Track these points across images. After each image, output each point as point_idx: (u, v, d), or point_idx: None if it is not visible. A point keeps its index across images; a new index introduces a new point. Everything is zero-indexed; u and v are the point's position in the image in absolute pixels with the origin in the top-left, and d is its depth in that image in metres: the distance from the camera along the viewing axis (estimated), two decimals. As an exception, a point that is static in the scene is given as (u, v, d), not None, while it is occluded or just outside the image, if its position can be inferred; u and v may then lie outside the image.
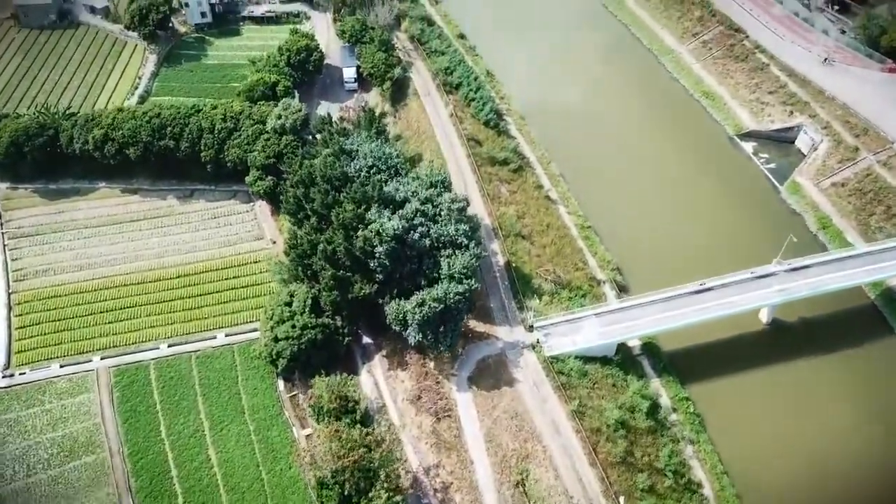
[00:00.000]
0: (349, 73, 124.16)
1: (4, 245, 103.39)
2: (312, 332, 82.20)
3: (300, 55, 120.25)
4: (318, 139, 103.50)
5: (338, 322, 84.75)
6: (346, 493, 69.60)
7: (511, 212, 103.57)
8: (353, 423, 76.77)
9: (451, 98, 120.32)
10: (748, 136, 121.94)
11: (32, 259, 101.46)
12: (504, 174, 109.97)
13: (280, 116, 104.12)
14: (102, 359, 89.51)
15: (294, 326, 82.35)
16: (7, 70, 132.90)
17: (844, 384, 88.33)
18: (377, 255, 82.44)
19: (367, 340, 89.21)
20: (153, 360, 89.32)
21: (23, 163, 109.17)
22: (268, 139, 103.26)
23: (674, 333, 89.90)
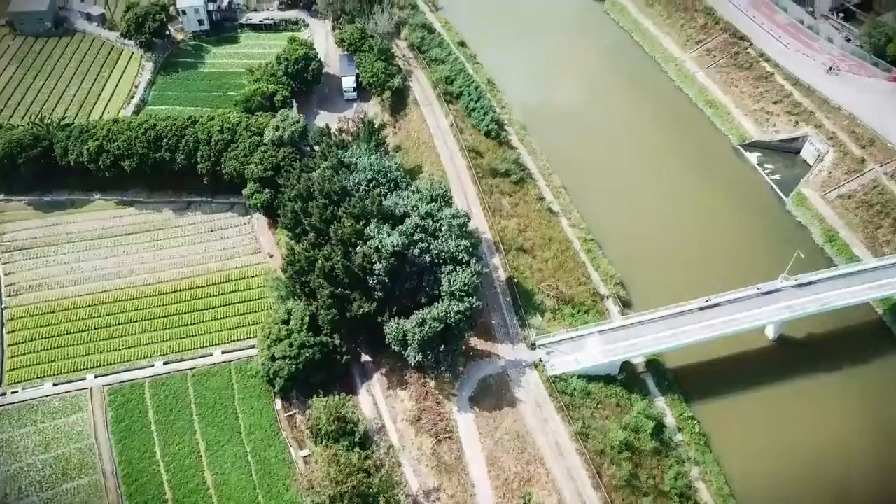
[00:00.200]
0: (348, 83, 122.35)
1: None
2: (310, 352, 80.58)
3: (299, 64, 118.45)
4: (317, 151, 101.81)
5: (336, 340, 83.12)
6: (345, 520, 68.13)
7: (512, 225, 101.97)
8: (352, 446, 75.37)
9: (452, 108, 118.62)
10: (753, 147, 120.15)
11: (26, 273, 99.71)
12: (505, 186, 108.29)
13: (278, 128, 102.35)
14: (96, 377, 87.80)
15: (291, 345, 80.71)
16: (1, 79, 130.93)
17: (854, 402, 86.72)
18: (376, 272, 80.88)
19: (366, 358, 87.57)
20: (148, 379, 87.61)
21: (16, 174, 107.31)
22: (265, 151, 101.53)
23: (678, 350, 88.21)
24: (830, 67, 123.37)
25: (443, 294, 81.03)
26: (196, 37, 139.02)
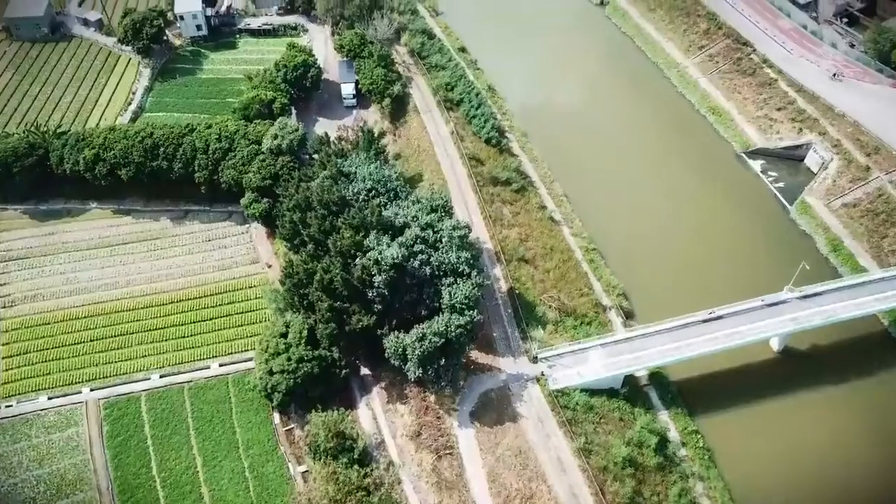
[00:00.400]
0: (348, 90, 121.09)
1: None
2: (308, 366, 79.29)
3: (297, 71, 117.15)
4: (316, 160, 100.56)
5: (335, 354, 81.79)
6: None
7: (514, 235, 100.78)
8: (351, 463, 74.29)
9: (452, 115, 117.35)
10: (756, 154, 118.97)
11: (21, 284, 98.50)
12: (506, 195, 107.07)
13: (276, 136, 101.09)
14: (92, 390, 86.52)
15: (290, 359, 79.44)
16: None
17: (860, 415, 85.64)
18: (376, 285, 79.62)
19: (365, 371, 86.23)
20: (144, 392, 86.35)
21: (11, 183, 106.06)
22: (263, 160, 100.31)
23: (682, 362, 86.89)
24: (835, 74, 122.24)
25: (443, 307, 79.79)
26: (194, 42, 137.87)
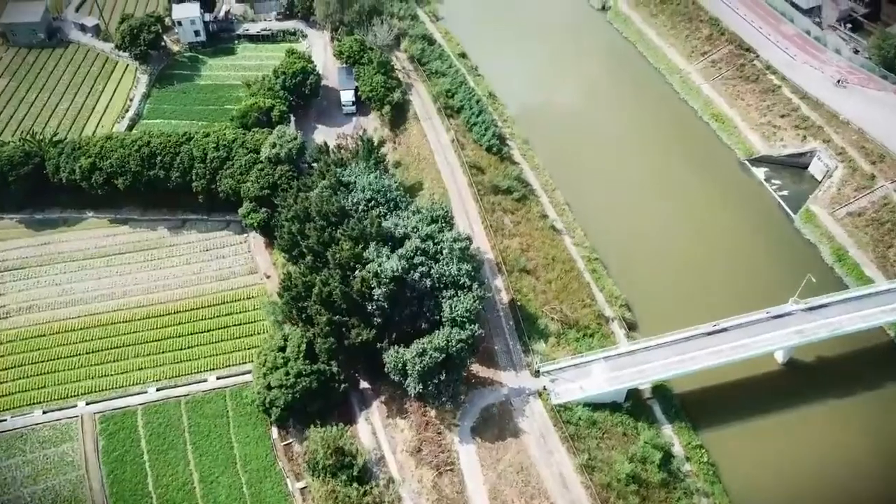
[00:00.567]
0: (347, 97, 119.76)
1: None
2: (307, 380, 78.09)
3: (296, 78, 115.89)
4: (315, 168, 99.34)
5: (334, 368, 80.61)
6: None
7: (515, 244, 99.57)
8: (351, 480, 73.17)
9: (453, 122, 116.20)
10: (759, 162, 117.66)
11: (16, 295, 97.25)
12: (507, 203, 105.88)
13: (275, 145, 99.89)
14: (88, 404, 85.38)
15: (288, 374, 78.26)
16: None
17: (867, 429, 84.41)
18: (375, 298, 78.44)
19: (365, 385, 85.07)
20: (141, 406, 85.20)
21: (7, 192, 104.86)
22: (262, 169, 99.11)
23: (686, 375, 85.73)
24: (839, 80, 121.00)
25: (444, 320, 78.72)
26: (192, 48, 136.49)
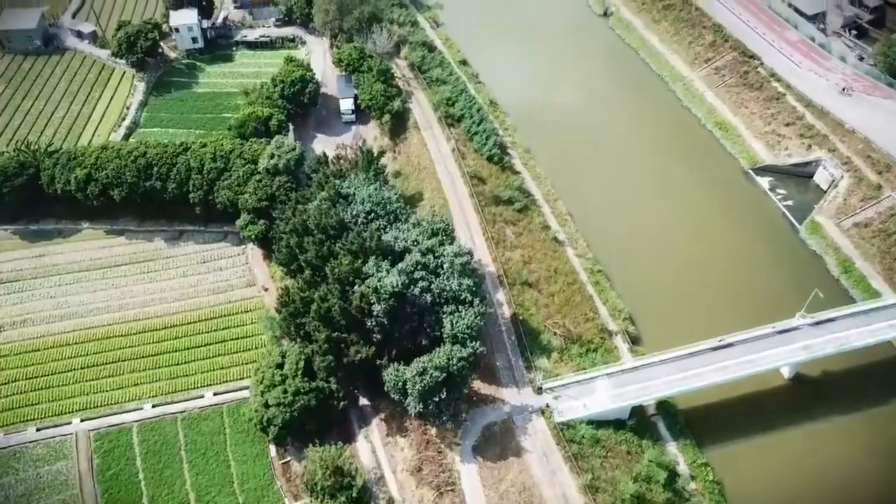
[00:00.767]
0: (346, 105, 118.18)
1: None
2: (305, 398, 76.71)
3: (295, 86, 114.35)
4: (314, 180, 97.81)
5: (332, 385, 79.17)
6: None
7: (517, 257, 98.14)
8: (350, 501, 71.59)
9: (454, 131, 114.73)
10: (764, 171, 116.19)
11: (10, 308, 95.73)
12: (509, 214, 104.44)
13: (273, 156, 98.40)
14: (82, 420, 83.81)
15: (286, 392, 76.83)
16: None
17: (875, 445, 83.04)
18: (375, 314, 76.99)
19: (364, 402, 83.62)
20: (136, 423, 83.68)
21: (1, 203, 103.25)
22: (260, 180, 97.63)
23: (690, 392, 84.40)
24: (844, 88, 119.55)
25: (444, 336, 77.29)
26: (190, 55, 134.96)
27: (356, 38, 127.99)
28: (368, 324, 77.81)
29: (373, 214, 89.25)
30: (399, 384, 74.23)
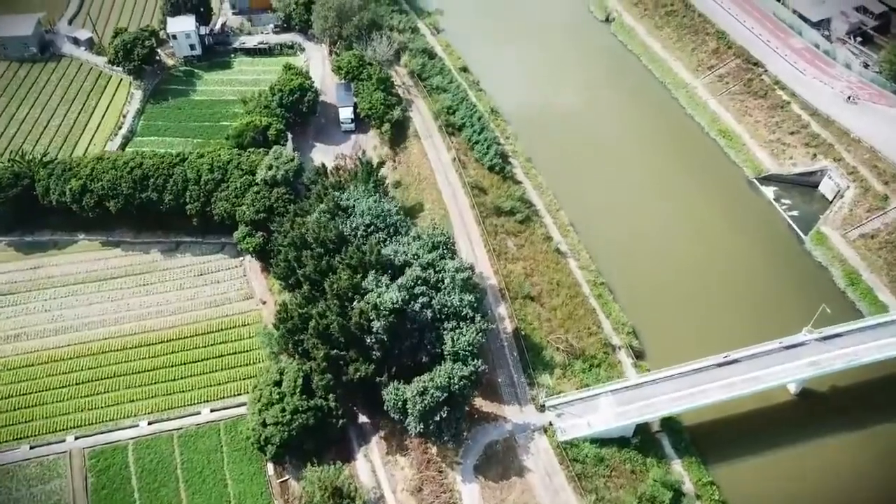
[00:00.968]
0: (346, 114, 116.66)
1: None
2: (304, 417, 75.20)
3: (294, 95, 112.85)
4: (312, 191, 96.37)
5: (331, 403, 77.62)
6: None
7: (518, 269, 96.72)
8: (349, 524, 70.04)
9: (454, 141, 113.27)
10: (768, 180, 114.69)
11: (4, 322, 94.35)
12: (510, 226, 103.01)
13: (271, 167, 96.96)
14: (77, 438, 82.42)
15: (284, 410, 75.34)
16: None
17: (885, 461, 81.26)
18: (374, 331, 75.54)
19: (364, 419, 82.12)
20: (132, 440, 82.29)
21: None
22: (258, 192, 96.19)
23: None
24: (850, 96, 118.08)
25: (445, 353, 75.87)
26: (187, 62, 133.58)
27: (356, 46, 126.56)
28: (368, 340, 76.44)
29: (372, 227, 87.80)
30: (399, 404, 72.83)
